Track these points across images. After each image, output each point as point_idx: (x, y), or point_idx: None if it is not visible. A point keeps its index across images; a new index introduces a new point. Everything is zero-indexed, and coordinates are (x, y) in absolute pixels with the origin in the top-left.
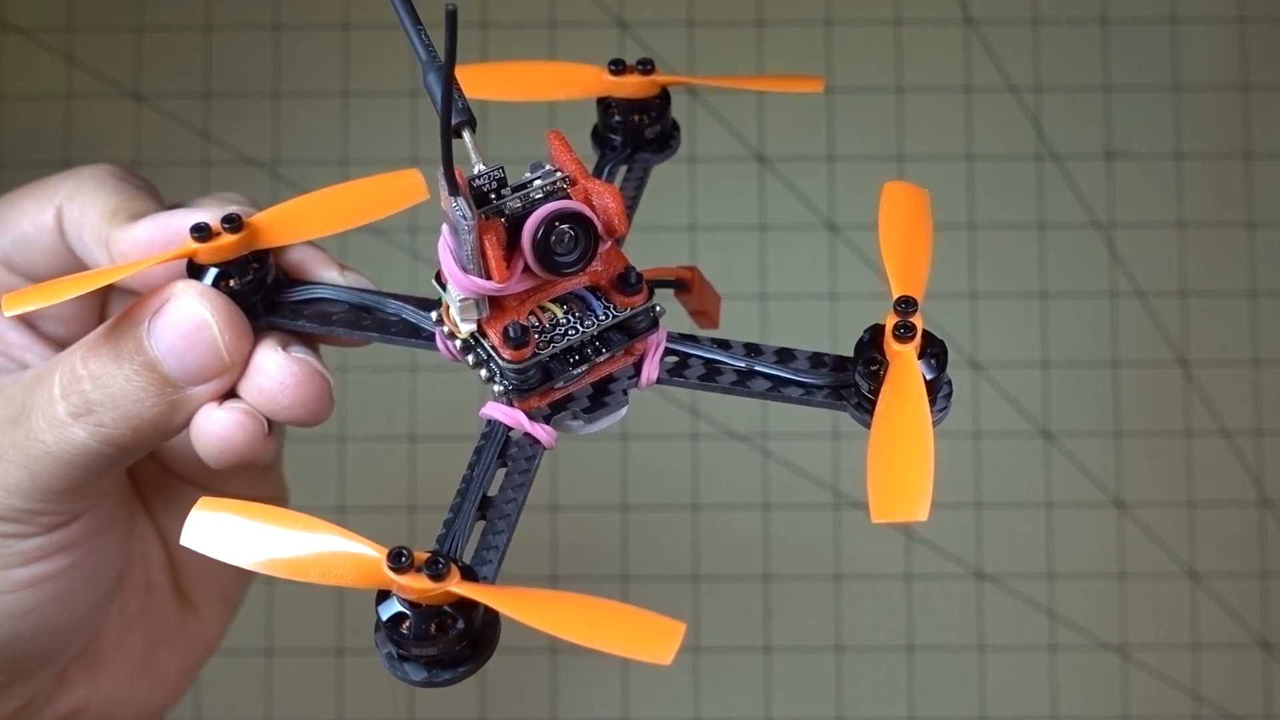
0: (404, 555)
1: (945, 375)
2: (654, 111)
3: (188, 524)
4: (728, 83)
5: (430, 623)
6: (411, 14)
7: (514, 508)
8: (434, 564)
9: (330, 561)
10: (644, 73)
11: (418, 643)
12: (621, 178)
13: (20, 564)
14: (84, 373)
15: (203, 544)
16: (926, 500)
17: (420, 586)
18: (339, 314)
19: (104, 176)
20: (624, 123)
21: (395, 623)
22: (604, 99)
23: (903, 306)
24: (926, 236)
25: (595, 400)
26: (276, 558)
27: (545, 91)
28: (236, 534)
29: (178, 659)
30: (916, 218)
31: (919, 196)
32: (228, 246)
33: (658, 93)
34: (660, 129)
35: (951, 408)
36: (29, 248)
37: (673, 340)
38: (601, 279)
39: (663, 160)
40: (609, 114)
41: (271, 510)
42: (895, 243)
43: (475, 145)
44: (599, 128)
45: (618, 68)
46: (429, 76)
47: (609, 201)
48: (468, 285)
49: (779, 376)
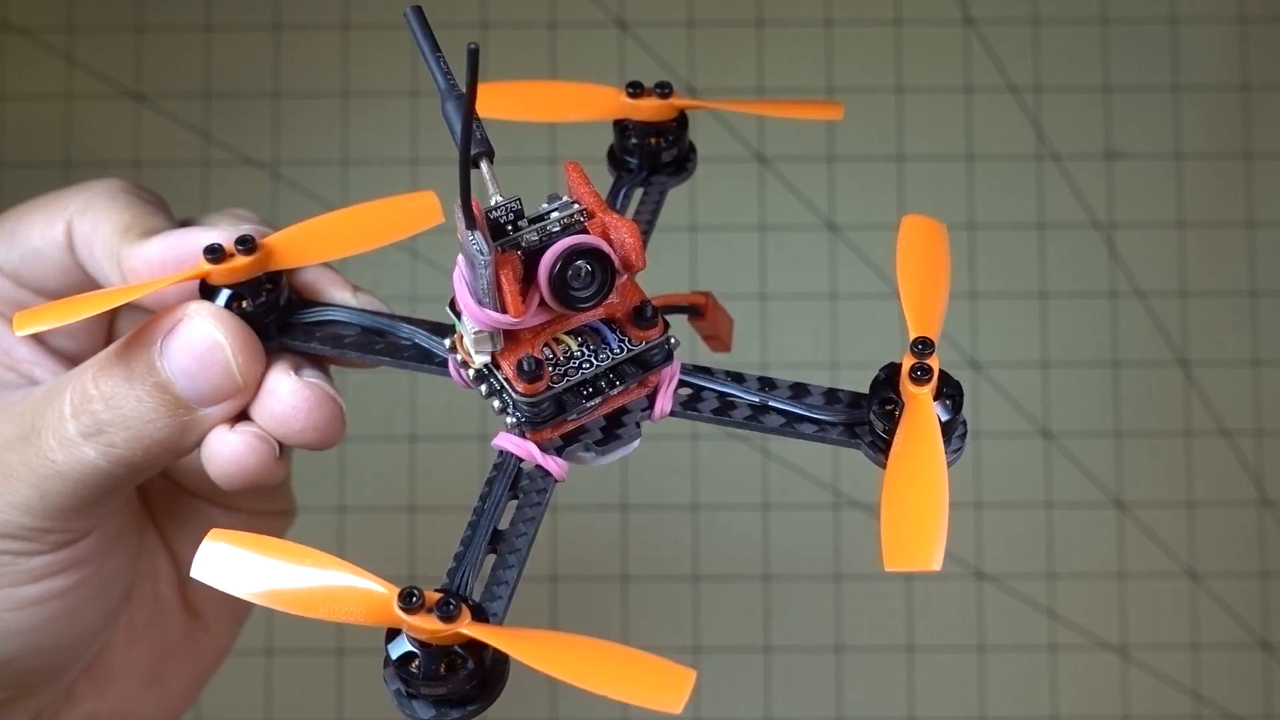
0: (415, 595)
1: (961, 416)
2: (671, 135)
3: (198, 556)
4: (747, 108)
5: (440, 663)
6: (430, 40)
7: (525, 541)
8: (445, 605)
9: (341, 599)
10: (662, 96)
11: (427, 682)
12: (637, 200)
13: (29, 581)
14: (95, 392)
15: (213, 577)
16: (940, 550)
17: (431, 627)
18: (351, 337)
19: (115, 191)
20: (641, 145)
21: (404, 661)
22: (621, 121)
23: (920, 348)
24: (944, 274)
25: (608, 432)
26: (286, 593)
27: (562, 113)
28: (247, 568)
29: (185, 671)
30: (935, 253)
31: (938, 231)
32: (241, 268)
33: (675, 116)
34: (677, 152)
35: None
36: (38, 262)
37: (686, 372)
38: (617, 311)
39: (679, 183)
40: (626, 136)
41: (282, 545)
42: (913, 280)
43: (493, 175)
44: (615, 150)
45: (635, 90)
46: (447, 105)
47: (626, 237)
48: (483, 319)
49: (793, 413)
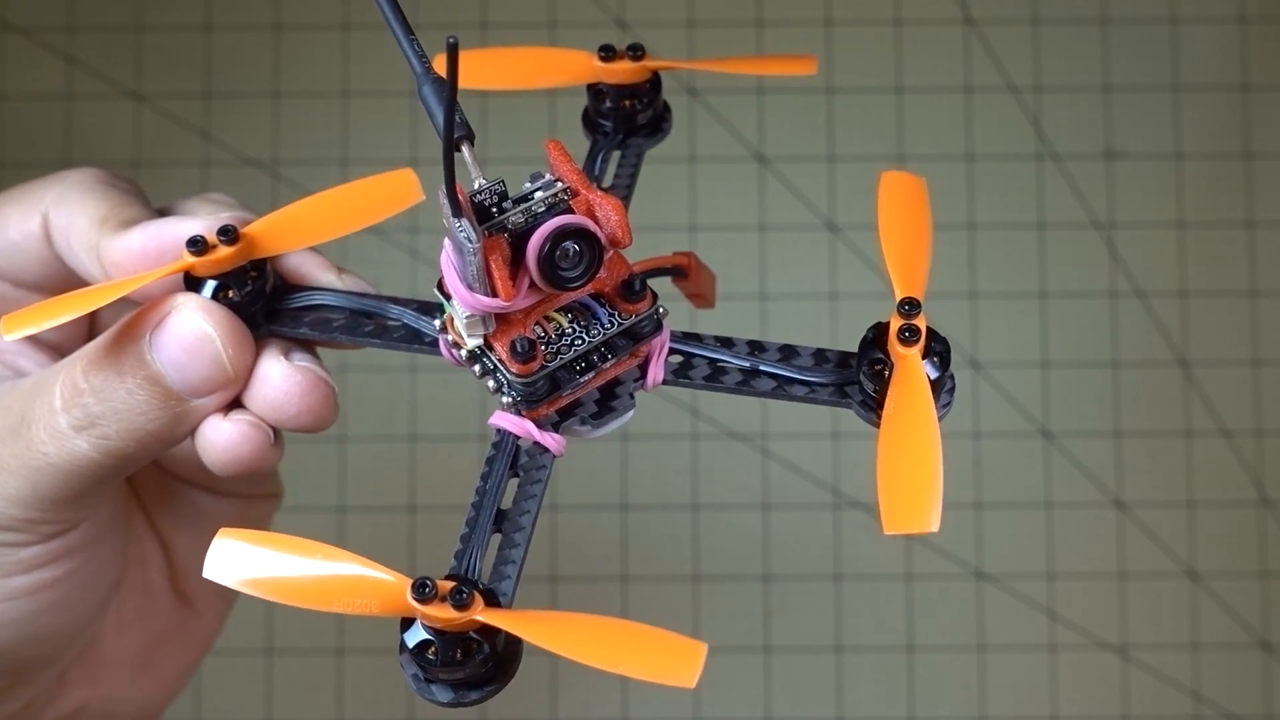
0: (428, 586)
1: (949, 371)
2: (645, 96)
3: (209, 556)
4: (720, 66)
5: (456, 649)
6: (403, 24)
7: (528, 519)
8: (458, 594)
9: (354, 591)
10: (634, 58)
11: (445, 668)
12: (615, 163)
13: (20, 572)
14: (86, 386)
15: (225, 575)
16: (937, 511)
17: (446, 616)
18: (340, 320)
19: (89, 182)
20: (615, 108)
21: (421, 649)
22: (595, 85)
23: (907, 308)
24: (926, 231)
25: (602, 404)
26: (300, 588)
27: (536, 79)
28: (258, 565)
29: (177, 657)
30: (916, 210)
31: (917, 186)
32: (225, 259)
33: (648, 77)
34: (652, 113)
35: (953, 405)
36: (16, 255)
37: (676, 340)
38: (606, 286)
39: (655, 144)
40: (600, 100)
41: (292, 540)
42: (896, 239)
43: (475, 158)
44: (590, 113)
45: (608, 54)
46: (424, 89)
47: (612, 214)
48: (474, 303)
49: (783, 375)
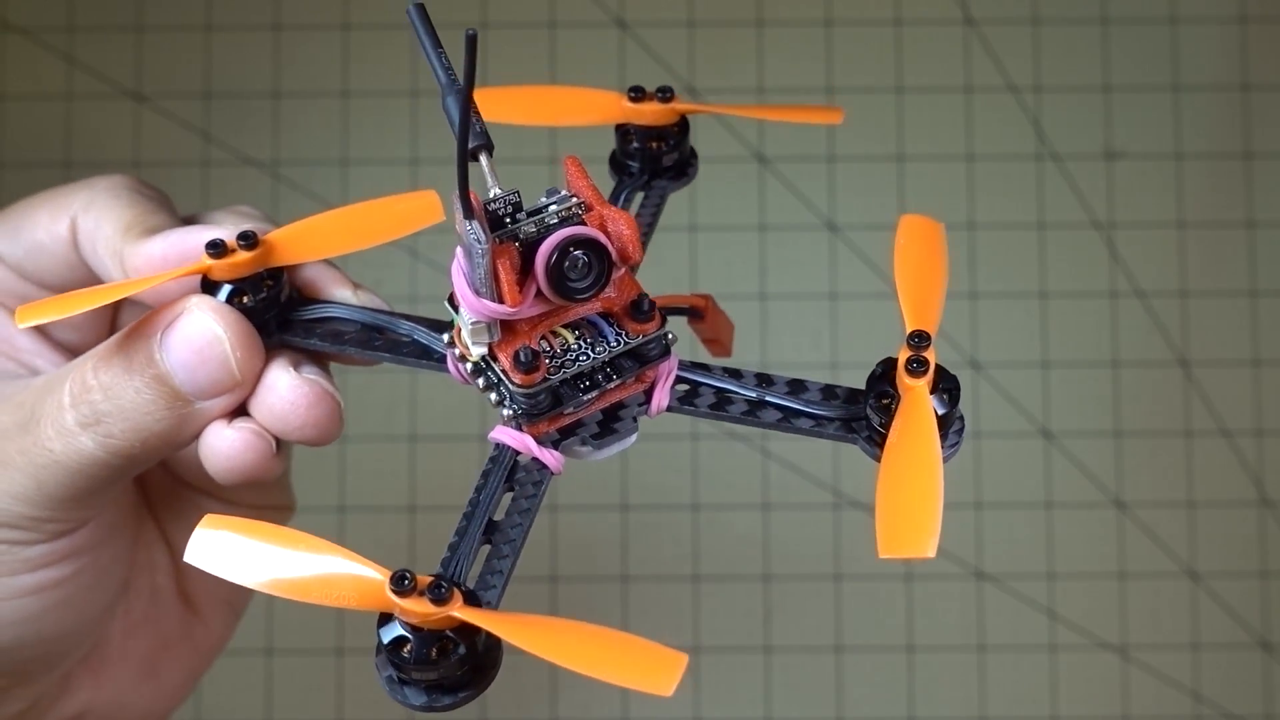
0: (407, 578)
1: (958, 410)
2: (672, 139)
3: (192, 542)
4: (750, 113)
5: (431, 647)
6: (433, 36)
7: (520, 533)
8: (437, 588)
9: (334, 583)
10: (663, 100)
11: (418, 667)
12: (638, 204)
13: (26, 570)
14: (94, 383)
15: (207, 562)
16: (934, 537)
17: (422, 610)
18: (351, 333)
19: (119, 189)
20: (642, 149)
21: (396, 646)
22: (622, 125)
23: (916, 341)
24: (941, 270)
25: (605, 426)
26: (280, 578)
27: (563, 117)
28: (240, 553)
29: (181, 663)
30: (932, 252)
31: (934, 230)
32: (242, 264)
33: (676, 120)
34: (678, 156)
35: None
36: (42, 256)
37: (684, 368)
38: (614, 305)
39: (680, 188)
40: (627, 141)
41: (276, 530)
42: (910, 276)
43: (492, 169)
44: (617, 154)
45: (637, 95)
46: (448, 100)
47: (624, 229)
48: (480, 309)
49: (790, 408)
